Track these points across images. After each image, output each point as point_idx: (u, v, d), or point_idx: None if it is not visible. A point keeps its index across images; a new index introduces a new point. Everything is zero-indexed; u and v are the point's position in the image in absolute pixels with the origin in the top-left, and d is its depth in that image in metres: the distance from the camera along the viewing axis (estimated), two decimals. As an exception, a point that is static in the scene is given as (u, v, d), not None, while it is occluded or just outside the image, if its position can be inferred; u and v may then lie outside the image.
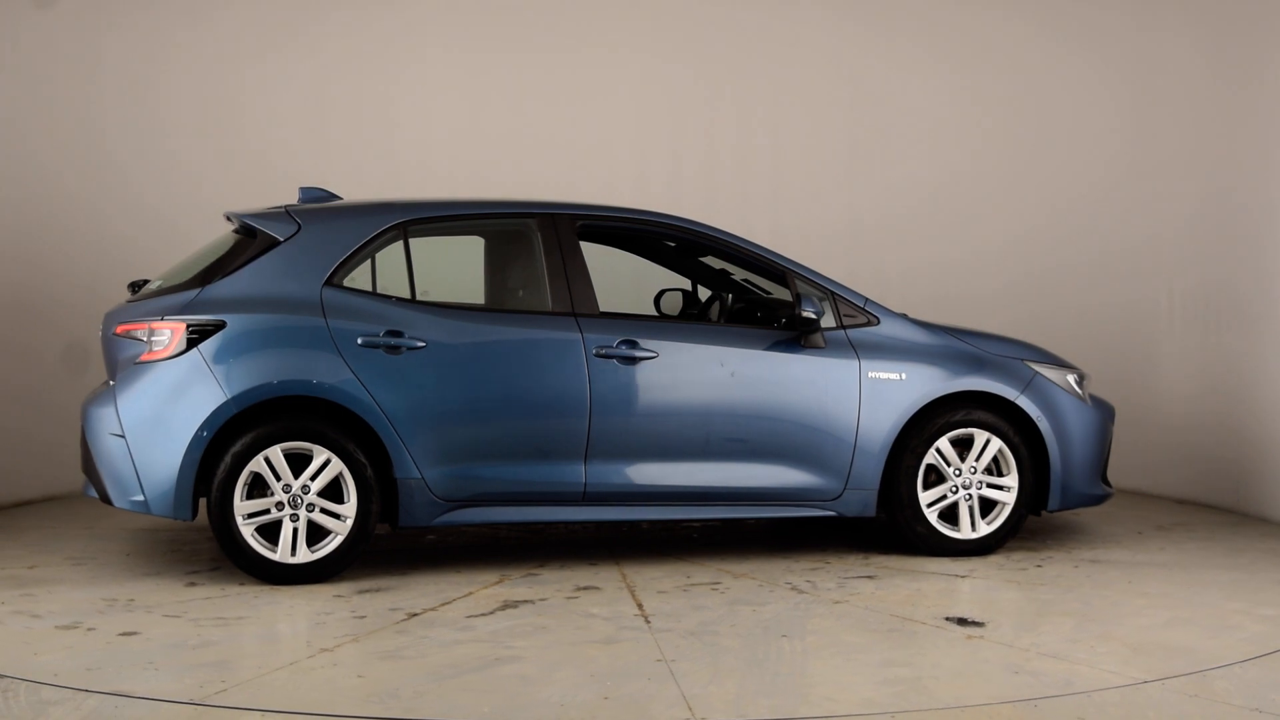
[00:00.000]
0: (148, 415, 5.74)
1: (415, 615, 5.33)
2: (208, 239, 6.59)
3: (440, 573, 6.11)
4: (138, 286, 6.46)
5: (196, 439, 5.69)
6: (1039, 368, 6.64)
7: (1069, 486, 6.60)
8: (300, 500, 5.80)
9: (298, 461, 5.81)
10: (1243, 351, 7.96)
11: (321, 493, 5.82)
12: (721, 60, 9.62)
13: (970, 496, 6.49)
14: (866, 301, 6.56)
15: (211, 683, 4.37)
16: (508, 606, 5.48)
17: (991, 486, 6.51)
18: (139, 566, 6.25)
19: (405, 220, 6.19)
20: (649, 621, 5.24)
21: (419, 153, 9.32)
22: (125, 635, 4.99)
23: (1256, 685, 4.49)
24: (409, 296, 6.04)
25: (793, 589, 5.83)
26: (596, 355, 6.11)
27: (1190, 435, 8.35)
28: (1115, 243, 9.02)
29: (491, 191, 7.94)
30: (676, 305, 7.33)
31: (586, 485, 6.10)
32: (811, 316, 6.24)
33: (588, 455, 6.09)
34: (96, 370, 6.67)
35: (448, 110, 9.43)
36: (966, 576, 6.11)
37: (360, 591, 5.72)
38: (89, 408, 5.97)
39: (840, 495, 6.36)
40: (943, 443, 6.44)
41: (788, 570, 6.20)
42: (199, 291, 5.89)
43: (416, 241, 6.24)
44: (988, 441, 6.47)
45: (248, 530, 5.76)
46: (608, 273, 7.34)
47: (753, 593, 5.75)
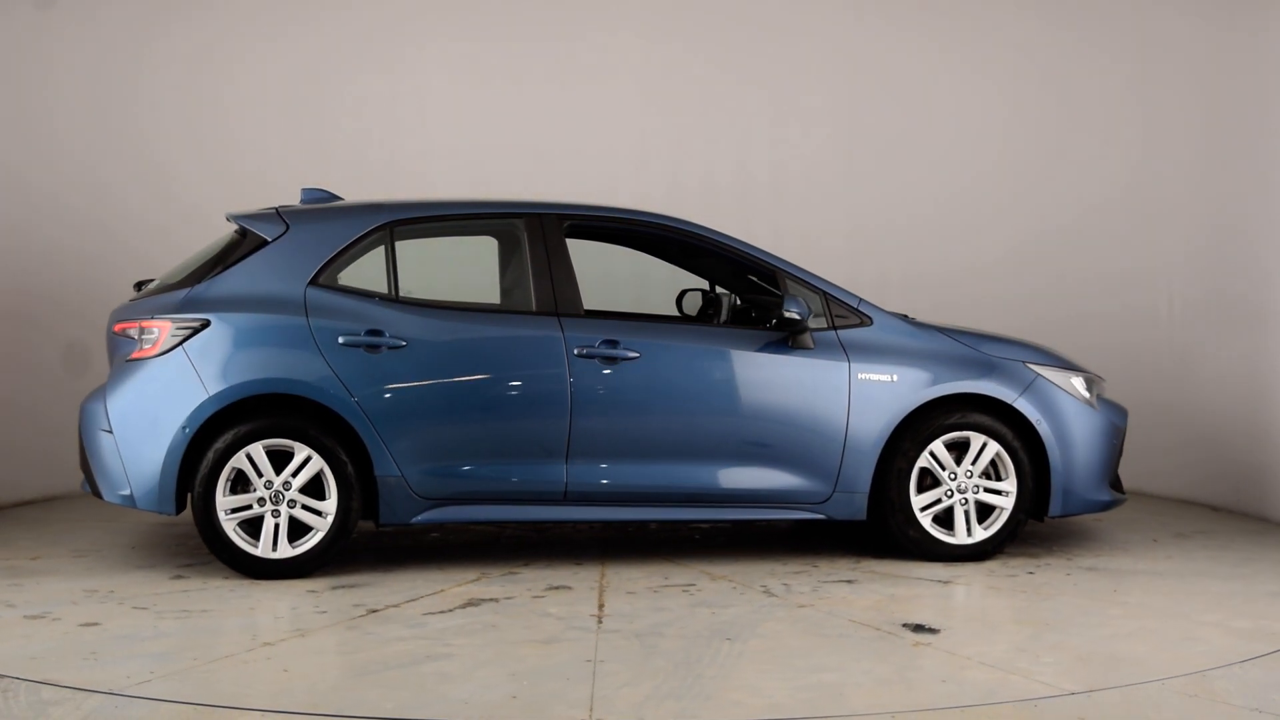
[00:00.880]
0: (135, 412, 5.91)
1: (375, 611, 5.39)
2: (207, 240, 6.73)
3: (423, 569, 6.16)
4: (142, 286, 6.64)
5: (179, 435, 5.84)
6: (1041, 370, 6.44)
7: (1072, 492, 6.40)
8: (282, 496, 5.90)
9: (281, 459, 5.92)
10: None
11: (303, 489, 5.93)
12: (723, 63, 9.46)
13: (966, 501, 6.33)
14: (860, 302, 6.44)
15: (139, 674, 4.47)
16: (470, 604, 5.50)
17: (989, 491, 6.35)
18: (136, 559, 6.42)
19: (392, 221, 6.26)
20: (601, 622, 5.22)
21: (419, 152, 9.27)
22: (85, 626, 5.13)
23: (1257, 685, 4.42)
24: (392, 296, 6.11)
25: (765, 592, 5.75)
26: (578, 355, 6.10)
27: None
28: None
29: (491, 191, 7.95)
30: (697, 305, 7.27)
31: (568, 485, 6.10)
32: (795, 317, 6.14)
33: (569, 455, 6.09)
34: (98, 370, 6.83)
35: (448, 109, 9.38)
36: (949, 583, 5.97)
37: (334, 587, 5.81)
38: (85, 404, 6.16)
39: (829, 498, 6.26)
40: (936, 446, 6.29)
41: (770, 573, 6.12)
42: (189, 291, 6.04)
43: (405, 242, 6.31)
44: (984, 445, 6.31)
45: (230, 525, 5.88)
46: (607, 273, 7.33)
47: (722, 595, 5.70)
